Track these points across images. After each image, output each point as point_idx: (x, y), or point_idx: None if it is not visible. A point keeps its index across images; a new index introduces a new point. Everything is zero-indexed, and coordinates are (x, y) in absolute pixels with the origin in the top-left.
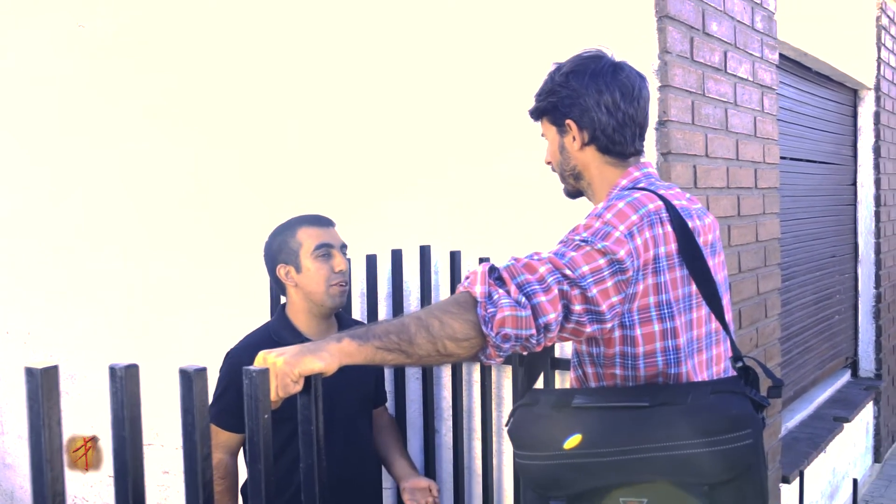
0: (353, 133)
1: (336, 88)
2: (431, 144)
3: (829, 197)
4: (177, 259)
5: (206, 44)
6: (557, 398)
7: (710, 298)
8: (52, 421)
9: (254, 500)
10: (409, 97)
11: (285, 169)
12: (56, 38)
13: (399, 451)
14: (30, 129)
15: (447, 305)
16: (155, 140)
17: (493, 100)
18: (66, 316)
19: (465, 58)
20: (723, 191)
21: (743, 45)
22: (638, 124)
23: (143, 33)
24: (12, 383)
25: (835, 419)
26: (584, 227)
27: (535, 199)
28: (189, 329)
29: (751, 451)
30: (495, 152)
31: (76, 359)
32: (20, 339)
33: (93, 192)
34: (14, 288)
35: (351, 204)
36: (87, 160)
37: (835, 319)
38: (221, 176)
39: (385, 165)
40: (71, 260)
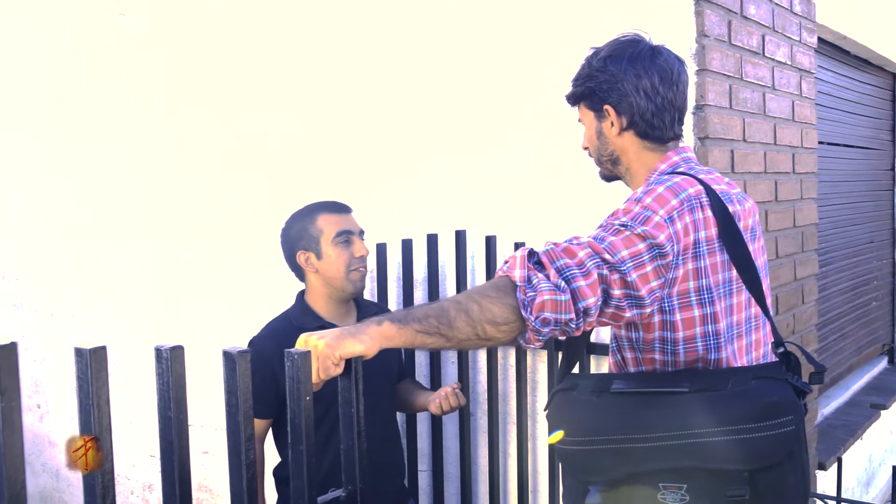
0: (384, 119)
1: (359, 73)
2: (464, 128)
3: (867, 182)
4: (203, 248)
5: (222, 37)
6: (596, 383)
7: (751, 283)
8: (101, 400)
9: (296, 479)
10: (440, 80)
11: (307, 158)
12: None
13: (419, 386)
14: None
15: (486, 289)
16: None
17: (527, 85)
18: (106, 301)
19: (501, 40)
20: (760, 176)
21: (781, 28)
22: (677, 108)
23: (163, 28)
24: (55, 365)
25: (871, 406)
26: (624, 212)
27: (569, 183)
28: (217, 315)
29: (793, 438)
30: (527, 137)
31: (116, 342)
32: (63, 321)
33: (127, 185)
34: (57, 274)
35: (384, 189)
36: (120, 154)
37: (872, 306)
38: (242, 166)
39: (417, 150)
40: (108, 249)
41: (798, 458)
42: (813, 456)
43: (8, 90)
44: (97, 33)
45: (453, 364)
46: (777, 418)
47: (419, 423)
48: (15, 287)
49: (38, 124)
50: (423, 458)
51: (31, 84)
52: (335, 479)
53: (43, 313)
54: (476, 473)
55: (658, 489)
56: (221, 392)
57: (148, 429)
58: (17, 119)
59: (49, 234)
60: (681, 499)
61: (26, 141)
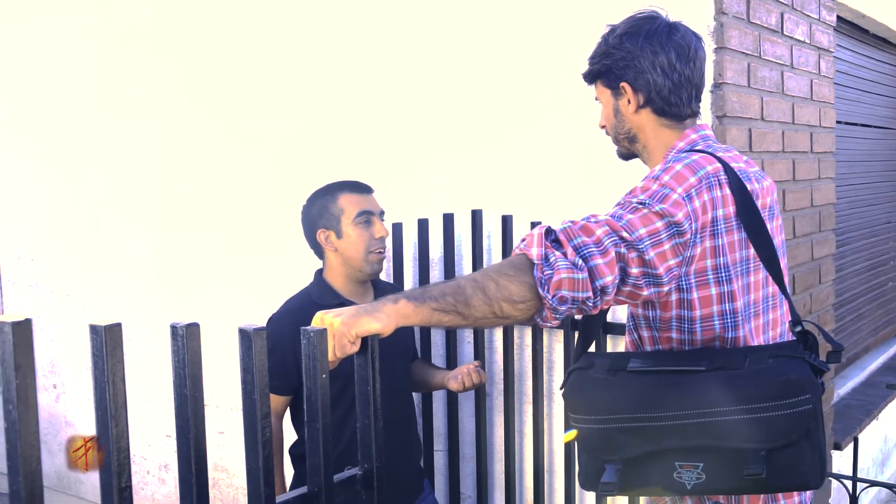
0: (403, 101)
1: (383, 55)
2: (482, 111)
3: (885, 162)
4: (217, 229)
5: (239, 20)
6: (613, 362)
7: (769, 262)
8: (116, 377)
9: (312, 457)
10: (461, 63)
11: (321, 139)
12: (90, 22)
13: (434, 366)
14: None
15: (503, 268)
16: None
17: (542, 65)
18: (121, 281)
19: (516, 21)
20: (778, 155)
21: (800, 6)
22: (694, 85)
23: (177, 16)
24: (71, 345)
25: (888, 386)
26: (642, 190)
27: (586, 163)
28: (230, 293)
29: (810, 416)
30: (544, 117)
31: (132, 322)
32: (79, 301)
33: (142, 168)
34: (72, 254)
35: (401, 169)
36: (138, 135)
37: (889, 286)
38: (260, 146)
39: (435, 131)
40: (123, 228)
41: (815, 437)
42: (829, 436)
43: (27, 79)
44: (104, 26)
45: (469, 343)
46: (794, 397)
47: (435, 403)
48: (31, 267)
49: (56, 113)
50: (438, 438)
51: (49, 72)
52: (352, 457)
53: (59, 294)
54: (492, 453)
55: (674, 468)
56: (236, 373)
57: (163, 409)
58: (36, 107)
59: (65, 216)
60: (697, 477)
61: (43, 128)
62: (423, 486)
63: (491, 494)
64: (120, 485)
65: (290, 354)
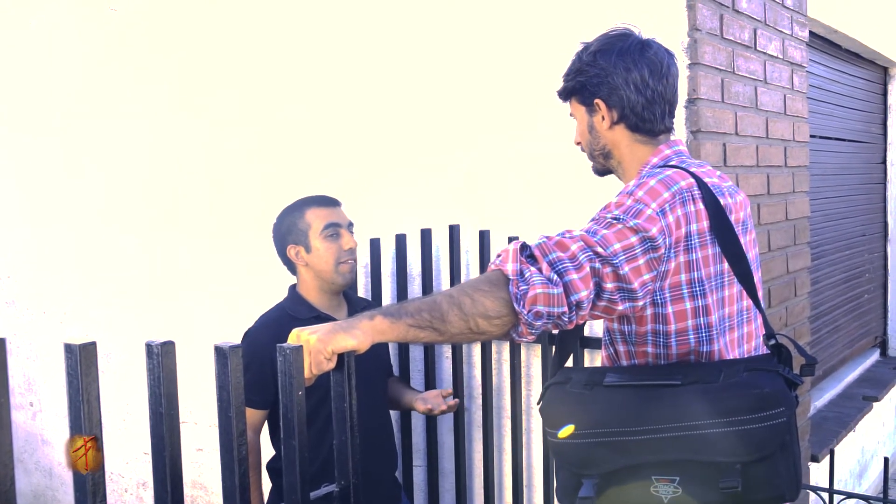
0: (379, 117)
1: (357, 75)
2: (458, 126)
3: (858, 175)
4: (197, 246)
5: (220, 35)
6: (589, 376)
7: (742, 276)
8: (91, 396)
9: (288, 475)
10: (435, 81)
11: (302, 155)
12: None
13: (406, 385)
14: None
15: (479, 283)
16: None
17: (519, 80)
18: (99, 298)
19: (492, 35)
20: (752, 169)
21: (773, 22)
22: (667, 101)
23: (162, 24)
24: (48, 363)
25: (864, 398)
26: (616, 205)
27: (562, 177)
28: (210, 310)
29: (784, 429)
30: (519, 131)
31: (110, 338)
32: (56, 318)
33: (119, 181)
34: (49, 270)
35: (378, 185)
36: (113, 150)
37: (864, 298)
38: (236, 162)
39: (411, 147)
40: (101, 244)
41: (790, 450)
42: (805, 448)
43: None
44: (96, 27)
45: (447, 359)
46: (769, 410)
47: (414, 419)
48: (8, 284)
49: (33, 124)
50: (417, 454)
51: (30, 83)
52: (330, 473)
53: (36, 311)
54: (471, 468)
55: (651, 481)
56: (214, 390)
57: (141, 427)
58: (13, 118)
59: (41, 232)
60: (673, 491)
61: (20, 140)
62: (400, 496)
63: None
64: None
65: (267, 368)
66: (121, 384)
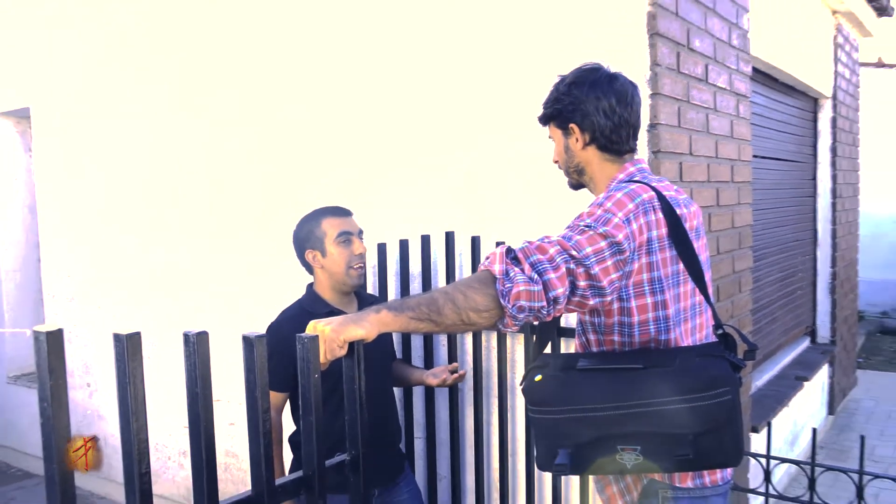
0: (388, 137)
1: (354, 71)
2: (456, 146)
3: (792, 190)
4: (228, 249)
5: (221, 37)
6: (565, 361)
7: (695, 275)
8: (136, 378)
9: (306, 445)
10: (433, 81)
11: (319, 171)
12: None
13: (412, 365)
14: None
15: (470, 282)
16: (203, 147)
17: (508, 105)
18: (145, 295)
19: (485, 67)
20: (704, 184)
21: (722, 59)
22: (632, 126)
23: (165, 30)
24: (102, 350)
25: (796, 378)
26: (588, 215)
27: (543, 193)
28: (241, 306)
29: (730, 406)
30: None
31: (155, 330)
32: (109, 312)
33: (161, 199)
34: (102, 271)
35: (385, 196)
36: (153, 172)
37: (797, 294)
38: (258, 180)
39: (415, 163)
40: (148, 250)
41: (735, 423)
42: (747, 421)
43: (47, 102)
44: (99, 36)
45: (444, 346)
46: (717, 389)
47: (414, 398)
48: (68, 283)
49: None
50: (418, 427)
51: (68, 96)
52: (342, 446)
53: (91, 305)
54: (464, 439)
55: (617, 451)
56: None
57: (181, 404)
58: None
59: (95, 238)
60: (635, 459)
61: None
62: (404, 468)
63: (463, 474)
64: (140, 470)
65: (288, 357)
66: (163, 369)
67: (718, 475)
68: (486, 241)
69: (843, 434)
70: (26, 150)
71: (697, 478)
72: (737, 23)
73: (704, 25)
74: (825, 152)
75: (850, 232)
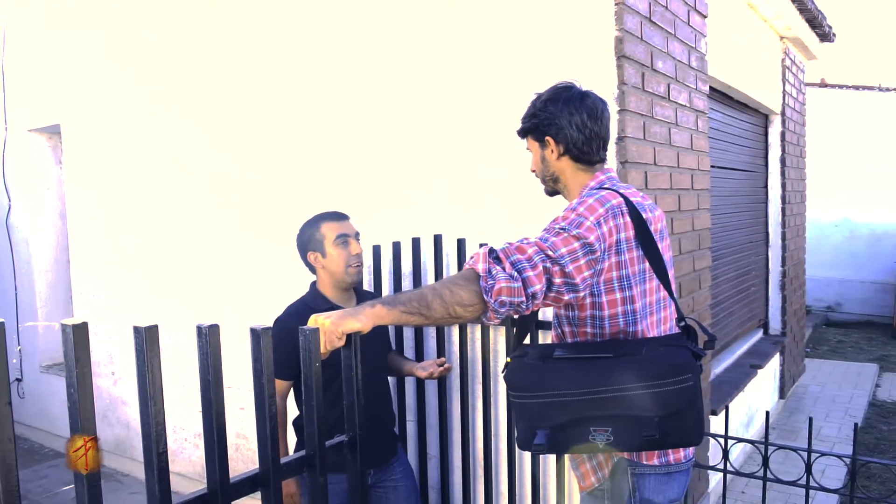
0: (383, 150)
1: (359, 112)
2: (441, 157)
3: (746, 196)
4: (237, 250)
5: (244, 66)
6: (542, 351)
7: (660, 273)
8: (154, 367)
9: (308, 427)
10: (419, 121)
11: (322, 181)
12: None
13: (405, 357)
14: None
15: (456, 279)
16: (217, 156)
17: (485, 120)
18: (163, 291)
19: (464, 85)
20: (667, 191)
21: (682, 78)
22: (602, 138)
23: (180, 46)
24: (125, 341)
25: (751, 366)
26: (563, 218)
27: (521, 198)
28: (249, 300)
29: (692, 391)
30: (492, 164)
31: (172, 323)
32: (130, 307)
33: (175, 200)
34: (122, 269)
35: (380, 203)
36: (170, 176)
37: (751, 290)
38: (267, 187)
39: (406, 173)
40: (163, 249)
41: (696, 407)
42: (707, 405)
43: (75, 118)
44: (130, 55)
45: (433, 338)
46: (679, 376)
47: (407, 385)
48: (92, 281)
49: (114, 157)
50: (409, 411)
51: (94, 112)
52: (341, 429)
53: (115, 301)
54: (451, 422)
55: (590, 432)
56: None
57: (196, 391)
58: (99, 149)
59: (117, 240)
60: (607, 439)
61: (103, 170)
62: (397, 448)
63: (451, 453)
64: (158, 449)
65: (292, 348)
66: (179, 358)
67: (682, 454)
68: (470, 243)
69: (792, 416)
70: (57, 162)
71: (662, 456)
72: (695, 46)
73: (666, 49)
74: (775, 163)
75: (798, 234)
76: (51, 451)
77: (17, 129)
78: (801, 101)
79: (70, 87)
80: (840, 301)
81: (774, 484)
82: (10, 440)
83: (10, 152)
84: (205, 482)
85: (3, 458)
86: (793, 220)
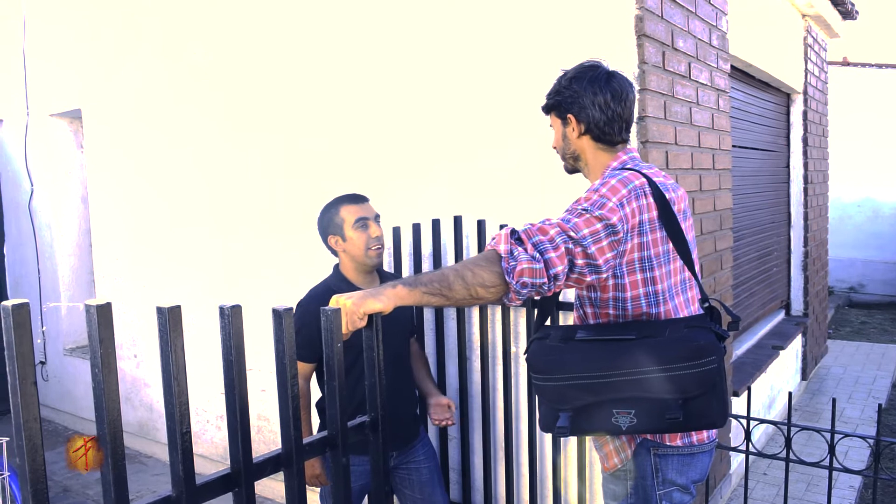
0: (403, 133)
1: (382, 84)
2: (461, 138)
3: (768, 176)
4: (259, 233)
5: (268, 49)
6: (564, 332)
7: (683, 254)
8: (177, 347)
9: (330, 408)
10: (442, 106)
11: (342, 164)
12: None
13: (426, 374)
14: (156, 139)
15: (478, 260)
16: (241, 149)
17: (510, 103)
18: (186, 274)
19: (487, 65)
20: (688, 171)
21: (703, 57)
22: (625, 120)
23: (222, 59)
24: (148, 324)
25: (773, 347)
26: (585, 199)
27: (542, 179)
28: (271, 285)
29: (715, 373)
30: (512, 144)
31: (196, 306)
32: (153, 290)
33: (200, 186)
34: (145, 254)
35: (401, 185)
36: (193, 163)
37: (773, 271)
38: (289, 173)
39: (426, 155)
40: (187, 234)
41: (720, 388)
42: (729, 386)
43: (96, 103)
44: (169, 64)
45: (453, 319)
46: (703, 358)
47: None
48: (117, 265)
49: (135, 141)
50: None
51: (114, 97)
52: (364, 411)
53: (138, 284)
54: (472, 402)
55: (612, 414)
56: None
57: (219, 373)
58: (122, 140)
59: (141, 224)
60: (630, 421)
61: (124, 155)
62: (419, 430)
63: (472, 435)
64: (182, 430)
65: (315, 330)
66: (203, 341)
67: (704, 434)
68: (490, 224)
69: (815, 398)
70: (78, 146)
71: (686, 437)
72: (716, 25)
73: (687, 27)
74: (797, 143)
75: (820, 215)
76: (75, 433)
77: (39, 114)
78: (824, 80)
79: (91, 71)
80: (863, 282)
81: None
82: (36, 419)
83: (32, 137)
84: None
85: (29, 438)
86: (815, 199)
